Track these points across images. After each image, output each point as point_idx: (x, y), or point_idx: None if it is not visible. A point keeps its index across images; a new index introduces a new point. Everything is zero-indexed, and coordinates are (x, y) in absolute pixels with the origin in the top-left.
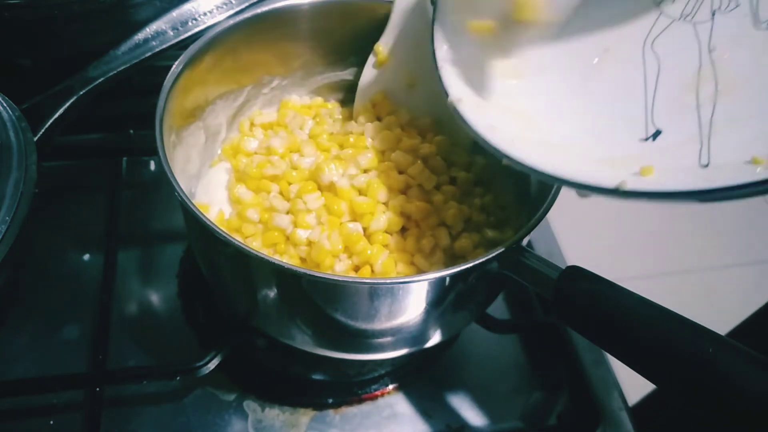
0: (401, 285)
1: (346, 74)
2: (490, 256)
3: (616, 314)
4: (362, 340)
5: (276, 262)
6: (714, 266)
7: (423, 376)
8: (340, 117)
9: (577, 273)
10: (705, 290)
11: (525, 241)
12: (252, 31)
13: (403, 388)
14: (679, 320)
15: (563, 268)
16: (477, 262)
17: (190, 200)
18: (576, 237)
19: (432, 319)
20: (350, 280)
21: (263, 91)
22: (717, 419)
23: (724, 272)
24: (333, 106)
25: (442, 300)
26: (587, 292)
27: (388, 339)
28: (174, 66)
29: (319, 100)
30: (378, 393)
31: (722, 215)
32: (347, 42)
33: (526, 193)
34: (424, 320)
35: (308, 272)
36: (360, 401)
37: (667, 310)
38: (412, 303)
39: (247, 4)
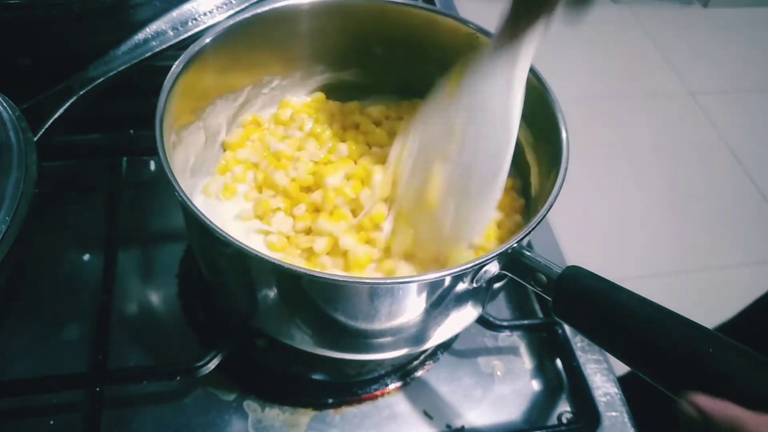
0: (401, 285)
1: (346, 74)
2: (491, 255)
3: (617, 314)
4: (362, 340)
5: (276, 261)
6: (714, 266)
7: (423, 376)
8: (341, 114)
9: (577, 273)
10: (705, 290)
11: (525, 241)
12: (252, 31)
13: (403, 388)
14: (679, 320)
15: (563, 267)
16: (478, 261)
17: (190, 200)
18: (576, 237)
19: (432, 319)
20: (350, 279)
21: (263, 91)
22: None
23: (724, 272)
24: (334, 104)
25: (442, 300)
26: (587, 292)
27: (388, 339)
28: (174, 66)
29: (320, 95)
30: (378, 393)
31: (722, 215)
32: (347, 42)
33: (527, 193)
34: (424, 320)
35: (308, 272)
36: (360, 401)
37: (668, 309)
38: (412, 303)
39: (247, 4)
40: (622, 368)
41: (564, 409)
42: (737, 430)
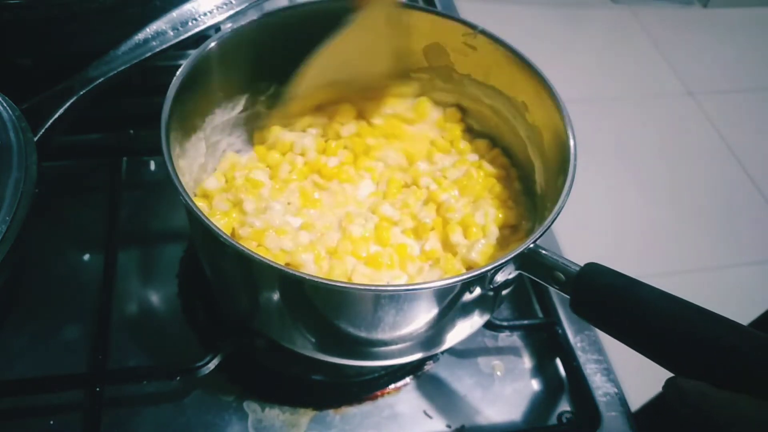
0: (407, 292)
1: None
2: (509, 257)
3: (640, 309)
4: (366, 347)
5: (280, 267)
6: (714, 266)
7: (423, 376)
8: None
9: (596, 269)
10: (705, 290)
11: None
12: (249, 40)
13: (403, 388)
14: (701, 312)
15: (580, 265)
16: (494, 264)
17: (199, 209)
18: (576, 237)
19: (440, 327)
20: (352, 286)
21: (260, 98)
22: None
23: (724, 272)
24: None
25: (452, 306)
26: (608, 288)
27: (394, 347)
28: (174, 79)
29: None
30: (378, 393)
31: (722, 215)
32: None
33: (530, 190)
34: (431, 328)
35: (312, 278)
36: (360, 401)
37: (689, 302)
38: (421, 310)
39: (247, 4)
40: (622, 368)
41: (564, 409)
42: (703, 401)
